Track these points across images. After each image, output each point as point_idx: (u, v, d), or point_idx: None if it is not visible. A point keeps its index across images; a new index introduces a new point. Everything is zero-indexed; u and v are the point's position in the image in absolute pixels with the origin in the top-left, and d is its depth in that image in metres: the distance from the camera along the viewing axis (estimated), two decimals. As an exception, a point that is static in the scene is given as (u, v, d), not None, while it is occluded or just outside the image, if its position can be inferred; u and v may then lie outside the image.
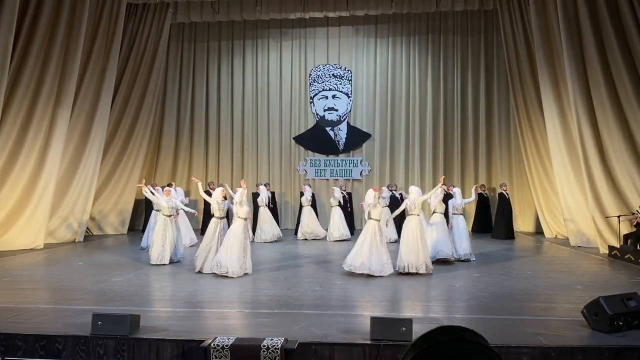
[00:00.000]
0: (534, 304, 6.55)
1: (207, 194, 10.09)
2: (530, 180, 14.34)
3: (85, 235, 13.49)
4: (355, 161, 16.21)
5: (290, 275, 8.40)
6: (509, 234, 13.45)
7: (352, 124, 16.32)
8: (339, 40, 16.42)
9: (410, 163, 16.03)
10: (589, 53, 10.84)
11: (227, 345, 4.64)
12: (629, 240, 10.15)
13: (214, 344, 4.66)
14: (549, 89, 12.30)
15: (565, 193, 12.03)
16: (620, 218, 10.42)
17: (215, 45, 16.81)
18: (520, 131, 14.46)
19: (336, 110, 16.38)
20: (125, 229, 14.88)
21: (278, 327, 5.40)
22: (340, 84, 16.40)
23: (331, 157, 16.32)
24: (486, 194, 14.66)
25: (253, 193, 13.82)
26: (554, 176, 12.63)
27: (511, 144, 15.62)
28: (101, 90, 13.48)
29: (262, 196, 12.88)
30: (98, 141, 13.46)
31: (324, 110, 16.43)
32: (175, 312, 6.15)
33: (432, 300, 6.99)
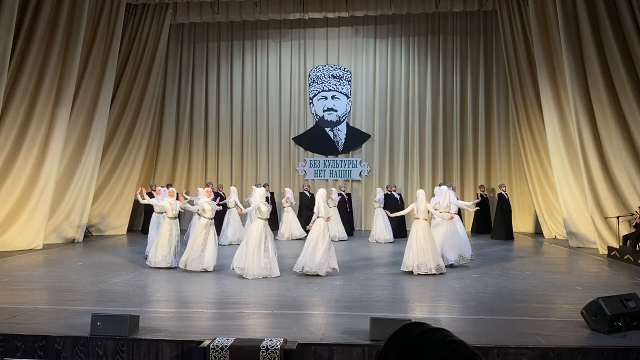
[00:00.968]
0: (533, 304, 6.55)
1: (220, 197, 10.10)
2: (530, 181, 14.34)
3: (85, 236, 13.47)
4: (355, 162, 16.21)
5: (291, 276, 8.39)
6: (508, 234, 13.44)
7: (352, 124, 16.32)
8: (338, 41, 16.41)
9: (410, 164, 16.03)
10: (588, 53, 10.85)
11: (227, 346, 4.64)
12: (628, 241, 10.16)
13: (213, 345, 4.66)
14: (548, 89, 12.31)
15: (565, 194, 12.03)
16: (620, 219, 10.44)
17: (214, 45, 16.80)
18: (520, 131, 14.47)
19: (335, 110, 16.38)
20: (124, 230, 14.86)
21: (277, 328, 5.40)
22: (340, 84, 16.40)
23: (330, 158, 16.31)
24: (485, 195, 14.66)
25: (217, 193, 13.37)
26: (553, 177, 12.64)
27: (510, 144, 15.62)
28: (100, 90, 13.48)
29: (233, 198, 12.73)
30: (97, 141, 13.44)
31: (323, 110, 16.43)
32: (175, 313, 6.15)
33: (432, 301, 6.99)
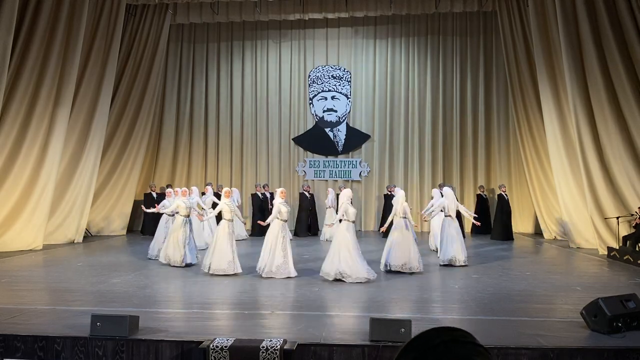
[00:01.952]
0: (533, 305, 6.55)
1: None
2: (529, 182, 14.35)
3: (84, 236, 13.47)
4: (355, 162, 16.21)
5: (291, 276, 8.39)
6: (507, 235, 13.44)
7: (351, 125, 16.32)
8: (338, 42, 16.42)
9: (409, 164, 16.03)
10: (588, 54, 10.86)
11: (226, 346, 4.64)
12: (627, 242, 10.17)
13: (213, 345, 4.66)
14: (547, 90, 12.32)
15: (564, 194, 12.03)
16: (619, 219, 10.44)
17: (214, 46, 16.80)
18: (519, 132, 14.47)
19: (335, 111, 16.38)
20: (124, 230, 14.86)
21: (277, 329, 5.40)
22: (340, 85, 16.40)
23: (330, 158, 16.32)
24: (485, 195, 14.67)
25: (202, 193, 13.23)
26: (553, 177, 12.64)
27: (510, 145, 15.63)
28: (100, 90, 13.48)
29: (209, 197, 12.70)
30: (97, 142, 13.44)
31: (323, 111, 16.43)
32: (175, 313, 6.15)
33: (431, 301, 6.99)
